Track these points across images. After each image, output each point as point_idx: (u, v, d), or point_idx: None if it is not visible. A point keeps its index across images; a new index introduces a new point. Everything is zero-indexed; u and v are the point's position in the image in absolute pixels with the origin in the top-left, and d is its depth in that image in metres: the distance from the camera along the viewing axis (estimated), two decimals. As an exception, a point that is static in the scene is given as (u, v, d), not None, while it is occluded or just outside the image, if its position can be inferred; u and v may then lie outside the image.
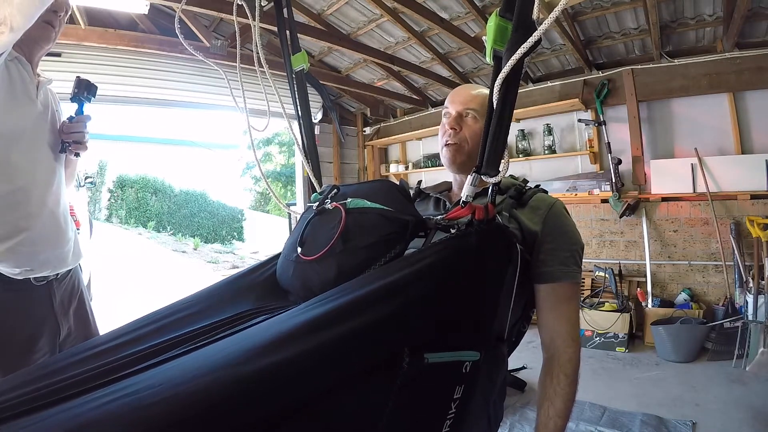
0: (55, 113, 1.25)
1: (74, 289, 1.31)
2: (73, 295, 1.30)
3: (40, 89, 1.21)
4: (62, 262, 1.23)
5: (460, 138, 0.99)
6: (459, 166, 1.01)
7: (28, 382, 0.60)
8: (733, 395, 2.43)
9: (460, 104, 1.00)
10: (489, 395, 0.83)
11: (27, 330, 1.15)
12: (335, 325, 0.55)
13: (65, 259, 1.25)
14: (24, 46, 1.15)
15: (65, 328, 1.24)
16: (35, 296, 1.18)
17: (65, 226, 1.25)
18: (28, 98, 1.15)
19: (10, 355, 1.10)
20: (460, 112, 1.00)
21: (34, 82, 1.18)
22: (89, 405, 0.49)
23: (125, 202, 11.58)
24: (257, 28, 1.20)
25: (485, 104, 0.99)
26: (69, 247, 1.26)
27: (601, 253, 3.85)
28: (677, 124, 3.60)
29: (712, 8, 3.10)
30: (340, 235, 0.75)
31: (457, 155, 1.00)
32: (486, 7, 3.42)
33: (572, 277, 0.89)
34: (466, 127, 0.99)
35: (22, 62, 1.14)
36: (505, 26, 0.69)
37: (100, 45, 3.21)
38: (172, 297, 0.86)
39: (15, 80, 1.11)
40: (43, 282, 1.19)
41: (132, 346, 0.67)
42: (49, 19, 1.16)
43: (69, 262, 1.27)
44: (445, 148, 1.01)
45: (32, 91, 1.17)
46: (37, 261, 1.16)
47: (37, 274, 1.17)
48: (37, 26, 1.13)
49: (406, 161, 5.40)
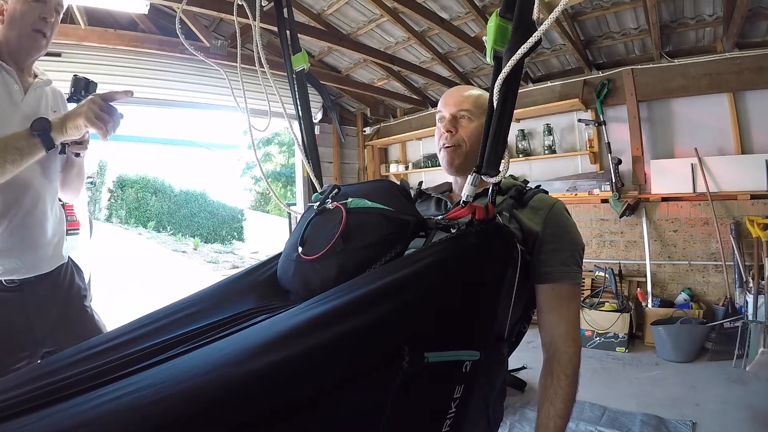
0: (49, 113, 1.23)
1: (60, 290, 1.27)
2: (57, 296, 1.25)
3: (30, 93, 1.20)
4: (35, 265, 1.20)
5: (457, 140, 0.99)
6: (457, 168, 1.01)
7: (27, 382, 0.60)
8: (733, 395, 2.43)
9: (454, 106, 1.01)
10: (489, 395, 0.83)
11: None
12: (335, 324, 0.55)
13: (39, 263, 1.20)
14: (13, 56, 1.16)
15: (43, 331, 1.19)
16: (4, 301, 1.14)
17: (43, 228, 1.21)
18: (11, 103, 1.15)
19: None
20: (454, 114, 1.00)
21: (21, 88, 1.18)
22: (88, 404, 0.49)
23: (125, 202, 11.57)
24: (257, 28, 1.20)
25: (478, 104, 0.99)
26: (46, 250, 1.22)
27: (601, 253, 3.85)
28: (677, 124, 3.60)
29: (712, 8, 3.11)
30: (340, 234, 0.75)
31: (455, 157, 1.00)
32: (486, 7, 3.42)
33: (573, 277, 0.89)
34: (462, 129, 0.99)
35: (7, 70, 1.14)
36: (506, 26, 0.69)
37: (100, 45, 3.21)
38: (172, 297, 0.86)
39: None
40: (14, 284, 1.16)
41: (132, 346, 0.67)
42: (38, 28, 1.16)
43: (44, 266, 1.22)
44: (443, 151, 1.01)
45: (17, 96, 1.17)
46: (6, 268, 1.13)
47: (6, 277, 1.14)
48: (26, 36, 1.14)
49: (406, 161, 5.40)
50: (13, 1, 1.13)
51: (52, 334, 1.21)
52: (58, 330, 1.23)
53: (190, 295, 0.84)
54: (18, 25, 1.13)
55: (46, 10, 1.16)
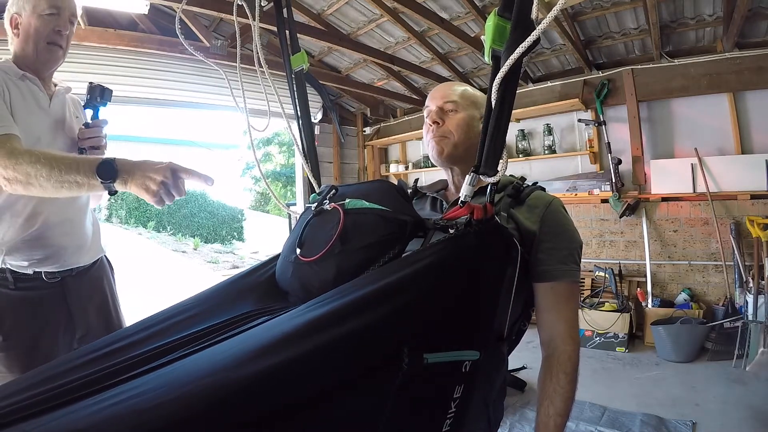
0: (73, 120, 1.28)
1: (97, 286, 1.31)
2: (94, 293, 1.30)
3: (54, 99, 1.23)
4: (74, 257, 1.24)
5: (444, 131, 0.98)
6: (447, 157, 0.99)
7: (30, 386, 0.60)
8: (733, 395, 2.43)
9: (440, 99, 1.00)
10: (489, 394, 0.83)
11: (39, 328, 1.16)
12: (334, 326, 0.55)
13: (78, 254, 1.25)
14: (32, 67, 1.18)
15: (83, 326, 1.24)
16: (48, 294, 1.18)
17: (80, 223, 1.26)
18: (40, 108, 1.18)
19: (23, 352, 1.11)
20: (441, 107, 1.00)
21: (46, 95, 1.21)
22: (91, 408, 0.49)
23: (125, 202, 11.57)
24: (257, 28, 1.20)
25: (465, 96, 0.99)
26: (82, 241, 1.26)
27: (601, 253, 3.85)
28: (677, 124, 3.60)
29: (712, 8, 3.10)
30: (338, 236, 0.75)
31: (444, 147, 0.98)
32: (486, 7, 3.42)
33: (571, 275, 0.89)
34: (449, 120, 0.98)
35: (30, 78, 1.17)
36: (504, 26, 0.68)
37: (100, 45, 3.21)
38: (172, 297, 0.86)
39: (26, 95, 1.15)
40: (56, 279, 1.20)
41: (133, 349, 0.68)
42: (53, 41, 1.17)
43: (84, 259, 1.27)
44: (431, 142, 1.00)
45: (44, 102, 1.20)
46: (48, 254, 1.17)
47: (48, 268, 1.17)
48: (43, 50, 1.16)
49: (406, 161, 5.40)
50: (27, 16, 1.14)
51: (88, 326, 1.25)
52: (93, 322, 1.27)
53: (190, 298, 0.84)
54: (33, 39, 1.15)
55: (61, 23, 1.17)
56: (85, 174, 0.91)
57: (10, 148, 0.96)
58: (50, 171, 0.91)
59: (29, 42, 1.15)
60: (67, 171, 0.92)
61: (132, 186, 0.90)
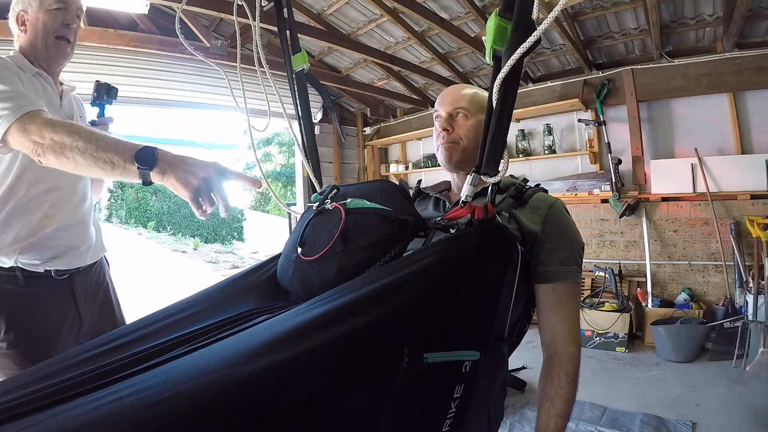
0: (79, 119, 1.29)
1: (99, 282, 1.33)
2: (97, 289, 1.32)
3: (64, 98, 1.24)
4: (83, 256, 1.26)
5: (454, 137, 0.99)
6: (456, 163, 1.00)
7: (29, 383, 0.60)
8: (733, 395, 2.43)
9: (450, 104, 1.01)
10: (489, 394, 0.83)
11: (49, 323, 1.18)
12: (335, 325, 0.55)
13: (86, 253, 1.27)
14: (43, 63, 1.19)
15: (88, 322, 1.26)
16: (57, 290, 1.20)
17: (87, 222, 1.29)
18: (52, 106, 1.18)
19: (34, 347, 1.12)
20: (450, 113, 1.00)
21: (57, 93, 1.22)
22: (90, 405, 0.49)
23: (125, 202, 11.58)
24: (257, 28, 1.20)
25: (474, 101, 1.00)
26: (90, 241, 1.29)
27: (601, 253, 3.85)
28: (677, 124, 3.60)
29: (712, 8, 3.10)
30: (340, 235, 0.75)
31: (453, 153, 0.99)
32: (486, 7, 3.42)
33: (572, 277, 0.89)
34: (458, 126, 0.99)
35: (44, 76, 1.18)
36: (505, 26, 0.68)
37: (100, 45, 3.21)
38: (172, 297, 0.86)
39: (39, 92, 1.15)
40: (65, 276, 1.21)
41: (133, 347, 0.68)
42: (62, 34, 1.18)
43: (90, 257, 1.29)
44: (441, 148, 1.01)
45: (56, 100, 1.21)
46: (59, 253, 1.19)
47: (58, 267, 1.19)
48: (52, 45, 1.17)
49: (406, 161, 5.40)
50: (34, 11, 1.14)
51: (94, 320, 1.28)
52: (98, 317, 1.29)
53: (191, 296, 0.84)
54: (41, 34, 1.15)
55: (68, 16, 1.17)
56: (123, 156, 0.83)
57: (47, 118, 0.93)
58: (86, 144, 0.84)
59: (38, 38, 1.15)
60: (105, 149, 0.84)
61: (170, 178, 0.81)
